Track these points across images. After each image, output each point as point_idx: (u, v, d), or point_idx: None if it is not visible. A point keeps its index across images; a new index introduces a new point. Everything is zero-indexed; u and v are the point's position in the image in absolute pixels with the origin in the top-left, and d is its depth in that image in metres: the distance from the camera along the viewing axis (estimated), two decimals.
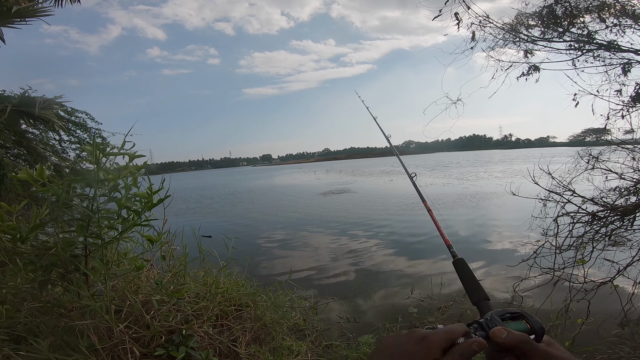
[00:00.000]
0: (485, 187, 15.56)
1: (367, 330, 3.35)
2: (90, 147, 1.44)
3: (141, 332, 1.81)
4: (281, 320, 2.56)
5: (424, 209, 1.69)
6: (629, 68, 3.26)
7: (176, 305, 1.91)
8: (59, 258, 1.47)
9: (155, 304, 1.78)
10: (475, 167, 30.93)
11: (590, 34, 3.33)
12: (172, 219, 2.44)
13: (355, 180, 25.52)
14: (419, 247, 6.71)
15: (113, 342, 1.71)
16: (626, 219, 3.05)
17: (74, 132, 5.44)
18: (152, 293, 1.85)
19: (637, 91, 3.22)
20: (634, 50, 3.23)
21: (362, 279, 5.00)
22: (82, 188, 1.53)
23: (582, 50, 3.41)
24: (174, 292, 1.88)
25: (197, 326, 1.89)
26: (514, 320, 0.55)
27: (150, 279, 2.00)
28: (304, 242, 7.77)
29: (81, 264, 1.52)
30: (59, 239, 1.52)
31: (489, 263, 5.34)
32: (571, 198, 3.22)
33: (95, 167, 1.42)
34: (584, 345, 2.70)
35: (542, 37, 3.64)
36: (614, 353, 2.52)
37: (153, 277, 2.06)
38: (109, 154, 1.48)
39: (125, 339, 1.70)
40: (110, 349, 1.70)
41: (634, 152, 3.15)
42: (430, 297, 4.10)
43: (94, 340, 1.62)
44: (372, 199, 14.54)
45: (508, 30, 3.73)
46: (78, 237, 1.55)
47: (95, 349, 1.60)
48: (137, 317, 1.79)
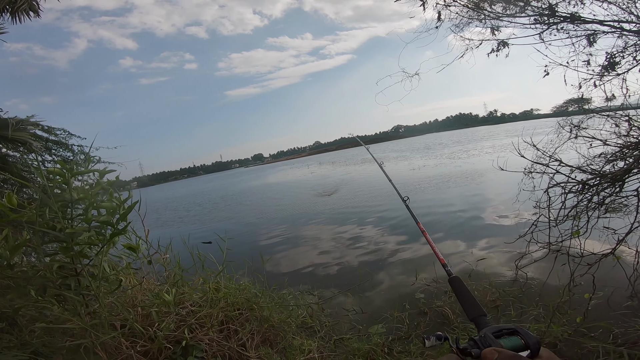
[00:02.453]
0: (477, 163, 15.66)
1: (376, 320, 3.34)
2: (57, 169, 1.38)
3: (147, 345, 1.77)
4: (288, 320, 2.53)
5: (417, 192, 1.68)
6: (594, 39, 3.36)
7: (178, 315, 1.86)
8: (49, 279, 1.42)
9: (155, 316, 1.74)
10: (464, 145, 31.14)
11: (552, 7, 3.38)
12: (164, 229, 2.39)
13: (348, 171, 25.49)
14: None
15: (121, 357, 1.67)
16: (617, 185, 3.09)
17: (56, 152, 5.31)
18: (150, 305, 1.80)
19: (608, 60, 3.30)
20: (598, 21, 3.29)
21: (366, 268, 4.98)
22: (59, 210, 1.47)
23: (546, 23, 3.47)
24: (173, 301, 1.83)
25: (202, 334, 1.85)
26: (509, 337, 0.57)
27: (147, 292, 1.94)
28: (303, 237, 7.71)
29: (72, 284, 1.47)
30: (43, 261, 1.47)
31: (487, 240, 5.34)
32: (559, 168, 3.24)
33: (67, 188, 1.37)
34: (596, 321, 2.65)
35: (505, 13, 3.71)
36: (629, 327, 2.45)
37: (150, 289, 2.01)
38: (77, 173, 1.43)
39: (132, 354, 1.66)
40: None
41: (615, 118, 3.19)
42: (435, 281, 4.09)
43: (103, 357, 1.58)
44: (366, 187, 14.53)
45: (472, 8, 3.79)
46: (64, 257, 1.50)
47: None
48: (141, 331, 1.74)
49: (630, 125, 3.03)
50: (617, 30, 3.21)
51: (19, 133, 3.60)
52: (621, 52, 3.23)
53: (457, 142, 36.27)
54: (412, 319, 3.23)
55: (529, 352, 0.52)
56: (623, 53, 3.23)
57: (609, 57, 3.30)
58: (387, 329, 3.09)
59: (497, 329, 0.59)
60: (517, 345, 0.54)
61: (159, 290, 1.90)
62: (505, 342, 0.55)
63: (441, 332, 0.73)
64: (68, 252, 1.44)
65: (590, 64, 3.40)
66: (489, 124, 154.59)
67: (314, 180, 22.36)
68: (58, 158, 5.27)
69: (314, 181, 21.25)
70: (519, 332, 0.56)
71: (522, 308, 3.07)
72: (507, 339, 0.56)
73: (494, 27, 3.83)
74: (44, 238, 1.43)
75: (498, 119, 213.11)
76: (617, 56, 3.24)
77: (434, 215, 7.61)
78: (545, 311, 2.87)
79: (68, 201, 1.38)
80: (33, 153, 4.40)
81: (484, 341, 0.57)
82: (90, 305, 1.60)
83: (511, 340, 0.55)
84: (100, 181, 1.46)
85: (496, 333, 0.58)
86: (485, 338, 0.57)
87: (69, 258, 1.47)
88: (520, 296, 3.31)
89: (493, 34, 3.87)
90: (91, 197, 1.38)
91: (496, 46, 3.89)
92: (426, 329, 3.02)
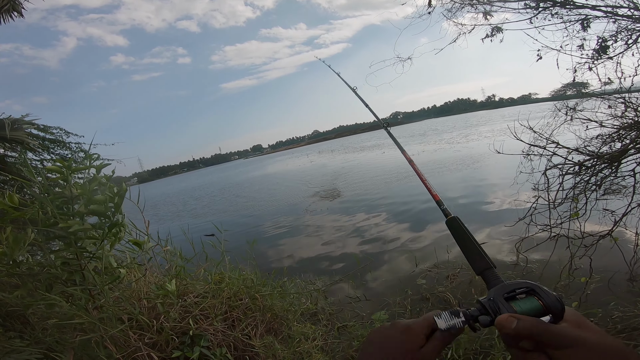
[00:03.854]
0: (476, 148, 15.65)
1: (379, 307, 3.39)
2: (56, 166, 1.40)
3: (154, 337, 1.80)
4: (291, 308, 2.58)
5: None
6: (587, 24, 3.36)
7: (183, 306, 1.90)
8: (55, 276, 1.45)
9: (161, 308, 1.77)
10: (462, 130, 31.06)
11: None
12: (163, 223, 2.40)
13: (347, 159, 25.47)
14: (419, 216, 6.75)
15: (130, 349, 1.71)
16: (614, 166, 3.10)
17: (54, 150, 5.31)
18: (155, 298, 1.84)
19: (599, 44, 3.30)
20: (590, 6, 3.29)
21: (368, 255, 5.02)
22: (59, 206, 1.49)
23: (537, 8, 3.45)
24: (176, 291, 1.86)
25: (207, 324, 1.89)
26: (524, 298, 0.46)
27: (150, 284, 1.98)
28: (304, 226, 7.76)
29: (77, 279, 1.50)
30: (48, 258, 1.49)
31: (488, 224, 5.38)
32: (556, 150, 3.26)
33: (66, 184, 1.38)
34: (597, 305, 2.62)
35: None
36: (629, 311, 2.42)
37: (154, 282, 2.04)
38: (76, 170, 1.44)
39: (140, 346, 1.70)
40: (131, 358, 1.70)
41: (610, 100, 3.20)
42: (437, 267, 4.13)
43: (112, 350, 1.63)
44: (366, 174, 14.55)
45: None
46: (68, 253, 1.52)
47: (116, 358, 1.61)
48: (148, 324, 1.78)
49: (626, 107, 3.03)
50: (611, 15, 3.19)
51: (16, 133, 3.60)
52: (613, 37, 3.22)
53: (455, 128, 36.17)
54: (414, 305, 3.27)
55: (550, 317, 0.43)
56: (615, 37, 3.22)
57: (601, 42, 3.30)
58: (390, 315, 3.13)
59: (510, 289, 0.48)
60: (535, 309, 0.44)
61: (162, 282, 1.93)
62: (520, 306, 0.45)
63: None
64: (69, 248, 1.46)
65: (584, 48, 3.40)
66: (487, 109, 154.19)
67: (312, 170, 22.28)
68: (56, 156, 5.27)
69: (312, 172, 21.16)
70: (535, 292, 0.45)
71: None
72: (522, 301, 0.45)
73: (487, 11, 3.82)
74: (48, 235, 1.46)
75: (496, 103, 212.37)
76: (608, 40, 3.23)
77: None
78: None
79: (68, 197, 1.39)
80: (31, 152, 4.40)
81: (493, 305, 0.47)
82: (97, 299, 1.63)
83: (527, 303, 0.45)
84: (97, 176, 1.47)
85: (507, 294, 0.47)
86: (495, 302, 0.47)
87: (73, 254, 1.49)
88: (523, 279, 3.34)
89: (486, 18, 3.87)
90: (89, 192, 1.39)
91: (490, 31, 3.90)
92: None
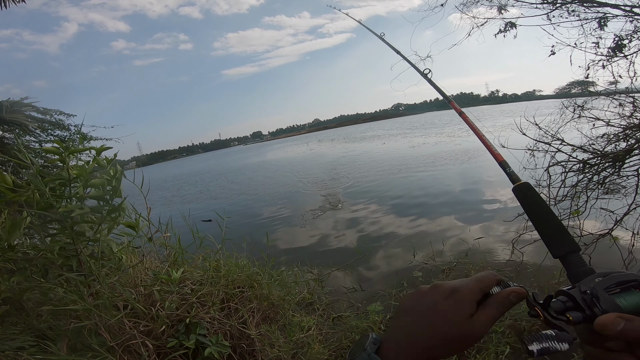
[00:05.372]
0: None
1: (374, 298, 3.40)
2: (54, 147, 1.36)
3: (150, 325, 1.80)
4: (287, 297, 2.58)
5: (417, 170, 1.66)
6: (604, 22, 3.29)
7: (179, 293, 1.89)
8: (50, 260, 1.43)
9: (157, 295, 1.76)
10: (464, 124, 30.94)
11: None
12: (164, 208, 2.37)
13: (348, 149, 25.41)
14: (416, 207, 6.75)
15: (125, 337, 1.71)
16: (617, 165, 3.08)
17: (52, 132, 5.28)
18: (152, 284, 1.83)
19: (616, 42, 3.24)
20: (610, 5, 3.21)
21: (364, 246, 5.04)
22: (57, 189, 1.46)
23: (555, 4, 3.38)
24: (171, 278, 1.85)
25: (204, 312, 1.89)
26: (626, 292, 0.37)
27: (147, 270, 1.97)
28: (302, 214, 7.76)
29: (74, 265, 1.48)
30: (44, 242, 1.47)
31: (485, 219, 5.38)
32: (561, 147, 3.25)
33: (65, 166, 1.35)
34: None
35: None
36: None
37: (151, 268, 2.03)
38: (74, 151, 1.41)
39: (135, 334, 1.70)
40: (125, 345, 1.70)
41: (620, 99, 3.16)
42: (433, 259, 4.14)
43: (106, 337, 1.62)
44: (366, 165, 14.53)
45: None
46: (65, 237, 1.50)
47: (110, 346, 1.61)
48: (143, 311, 1.78)
49: (635, 107, 3.00)
50: (629, 14, 3.13)
51: (14, 115, 3.57)
52: (630, 36, 3.17)
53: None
54: None
55: None
56: (632, 37, 3.16)
57: (617, 40, 3.24)
58: (385, 306, 3.15)
59: (611, 281, 0.38)
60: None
61: (161, 269, 1.92)
62: (625, 301, 0.36)
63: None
64: (64, 231, 1.44)
65: (599, 46, 3.35)
66: (490, 104, 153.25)
67: (311, 158, 22.13)
68: (55, 138, 5.25)
69: (311, 160, 21.03)
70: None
71: None
72: (625, 296, 0.36)
73: (502, 6, 3.73)
74: (46, 218, 1.44)
75: (500, 99, 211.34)
76: (625, 39, 3.18)
77: (432, 192, 7.65)
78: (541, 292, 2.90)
79: (65, 180, 1.37)
80: (29, 134, 4.37)
81: (589, 300, 0.37)
82: (92, 286, 1.62)
83: (632, 297, 0.36)
84: (98, 158, 1.44)
85: (609, 288, 0.37)
86: (594, 295, 0.37)
87: (69, 238, 1.47)
88: (516, 277, 3.34)
89: (500, 13, 3.77)
90: (87, 174, 1.36)
91: (504, 27, 3.84)
92: None
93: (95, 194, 1.37)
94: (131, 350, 1.73)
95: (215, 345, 1.81)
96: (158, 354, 1.80)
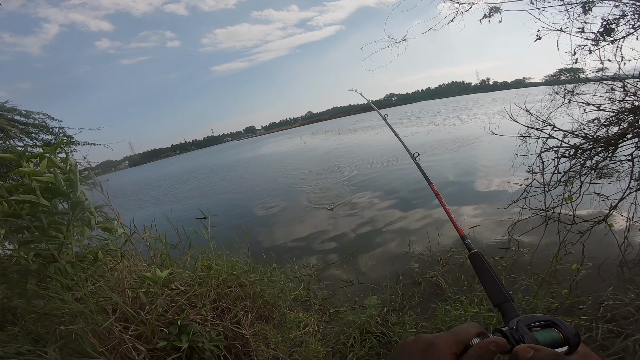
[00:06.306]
0: (469, 129, 15.65)
1: (371, 292, 3.38)
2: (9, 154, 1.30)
3: (140, 328, 1.75)
4: (282, 294, 2.54)
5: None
6: (589, 7, 3.27)
7: (169, 296, 1.84)
8: (25, 267, 1.37)
9: (144, 298, 1.71)
10: (456, 112, 30.98)
11: None
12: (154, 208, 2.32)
13: (341, 140, 25.40)
14: (411, 197, 6.75)
15: (114, 342, 1.66)
16: (610, 149, 3.07)
17: (37, 136, 5.14)
18: (137, 288, 1.77)
19: (604, 27, 3.23)
20: None
21: (360, 239, 5.01)
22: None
23: None
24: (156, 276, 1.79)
25: (194, 314, 1.83)
26: (545, 329, 0.48)
27: (132, 274, 1.91)
28: (295, 208, 7.71)
29: (51, 271, 1.42)
30: (17, 250, 1.41)
31: (481, 206, 5.37)
32: (552, 133, 3.24)
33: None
34: (587, 292, 2.60)
35: None
36: (619, 300, 2.39)
37: (136, 271, 1.97)
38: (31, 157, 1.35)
39: (124, 338, 1.65)
40: (116, 350, 1.65)
41: (610, 84, 3.15)
42: (429, 250, 4.12)
43: (94, 343, 1.57)
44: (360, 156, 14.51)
45: None
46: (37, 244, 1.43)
47: (100, 351, 1.56)
48: (132, 315, 1.72)
49: (626, 92, 2.98)
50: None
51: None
52: (617, 20, 3.15)
53: (450, 110, 36.06)
54: (406, 290, 3.26)
55: (566, 349, 0.45)
56: (618, 21, 3.15)
57: (605, 24, 3.22)
58: (382, 300, 3.12)
59: (531, 320, 0.49)
60: (556, 340, 0.46)
61: (147, 271, 1.86)
62: (541, 336, 0.47)
63: None
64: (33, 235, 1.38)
65: (584, 31, 3.33)
66: (481, 92, 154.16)
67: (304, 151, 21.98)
68: (40, 142, 5.11)
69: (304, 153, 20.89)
70: (556, 324, 0.48)
71: (513, 278, 3.08)
72: (543, 332, 0.47)
73: None
74: (13, 225, 1.37)
75: (490, 87, 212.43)
76: (613, 23, 3.16)
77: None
78: (536, 281, 2.87)
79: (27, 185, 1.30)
80: (11, 140, 4.24)
81: (515, 334, 0.48)
82: (75, 290, 1.56)
83: (548, 333, 0.47)
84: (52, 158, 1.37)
85: (529, 325, 0.49)
86: (518, 330, 0.48)
87: (43, 243, 1.40)
88: (512, 265, 3.33)
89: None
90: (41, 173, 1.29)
91: (488, 12, 3.81)
92: (420, 300, 3.06)
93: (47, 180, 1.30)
94: (124, 354, 1.69)
95: (209, 343, 1.77)
96: (152, 357, 1.76)
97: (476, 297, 2.69)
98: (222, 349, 1.87)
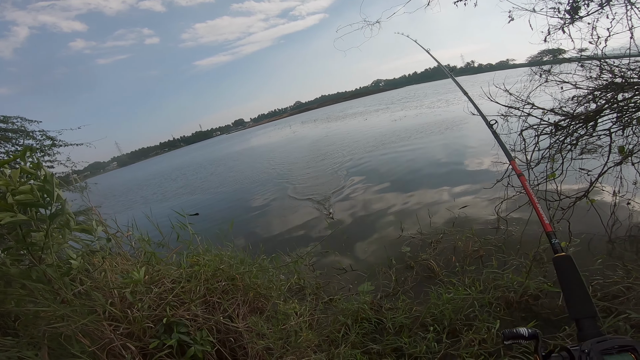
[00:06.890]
0: (456, 112, 15.77)
1: (365, 278, 3.42)
2: None
3: (130, 327, 1.75)
4: (272, 286, 2.54)
5: (399, 143, 1.62)
6: None
7: (157, 293, 1.84)
8: (5, 272, 1.35)
9: (130, 297, 1.70)
10: (443, 95, 31.04)
11: None
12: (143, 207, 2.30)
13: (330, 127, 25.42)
14: (400, 181, 6.83)
15: (104, 341, 1.66)
16: (589, 126, 3.13)
17: (17, 141, 5.02)
18: (123, 287, 1.77)
19: (571, 5, 3.27)
20: None
21: (353, 226, 5.05)
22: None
23: None
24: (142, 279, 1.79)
25: (183, 310, 1.84)
26: (621, 353, 0.44)
27: (116, 274, 1.90)
28: (284, 197, 7.72)
29: (33, 275, 1.41)
30: None
31: (469, 187, 5.43)
32: (532, 111, 3.29)
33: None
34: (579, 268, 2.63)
35: None
36: (608, 278, 2.41)
37: (121, 271, 1.96)
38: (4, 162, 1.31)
39: (113, 337, 1.65)
40: (107, 349, 1.65)
41: (586, 63, 3.20)
42: (420, 233, 4.15)
43: (85, 343, 1.57)
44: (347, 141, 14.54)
45: None
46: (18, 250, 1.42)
47: (91, 351, 1.56)
48: (120, 315, 1.72)
49: (601, 69, 3.04)
50: None
51: None
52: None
53: (436, 93, 36.17)
54: (399, 274, 3.28)
55: None
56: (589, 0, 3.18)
57: (572, 2, 3.26)
58: (376, 286, 3.15)
59: (609, 345, 0.45)
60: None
61: (130, 271, 1.85)
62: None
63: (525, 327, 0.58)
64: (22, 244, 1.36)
65: (560, 11, 3.37)
66: (467, 74, 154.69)
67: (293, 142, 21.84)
68: (21, 147, 4.99)
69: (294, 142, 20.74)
70: (636, 350, 0.43)
71: (503, 258, 3.10)
72: (619, 356, 0.43)
73: None
74: None
75: (475, 69, 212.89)
76: (580, 1, 3.20)
77: (416, 165, 7.71)
78: (526, 260, 2.88)
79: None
80: None
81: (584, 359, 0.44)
82: (60, 294, 1.55)
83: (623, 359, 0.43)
84: (23, 166, 1.34)
85: (607, 350, 0.44)
86: (590, 355, 0.44)
87: (24, 249, 1.39)
88: (502, 245, 3.36)
89: None
90: (15, 182, 1.27)
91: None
92: (413, 284, 3.09)
93: (25, 199, 1.28)
94: (115, 353, 1.69)
95: (199, 344, 1.77)
96: (144, 355, 1.76)
97: (467, 278, 2.73)
98: (216, 343, 1.88)
